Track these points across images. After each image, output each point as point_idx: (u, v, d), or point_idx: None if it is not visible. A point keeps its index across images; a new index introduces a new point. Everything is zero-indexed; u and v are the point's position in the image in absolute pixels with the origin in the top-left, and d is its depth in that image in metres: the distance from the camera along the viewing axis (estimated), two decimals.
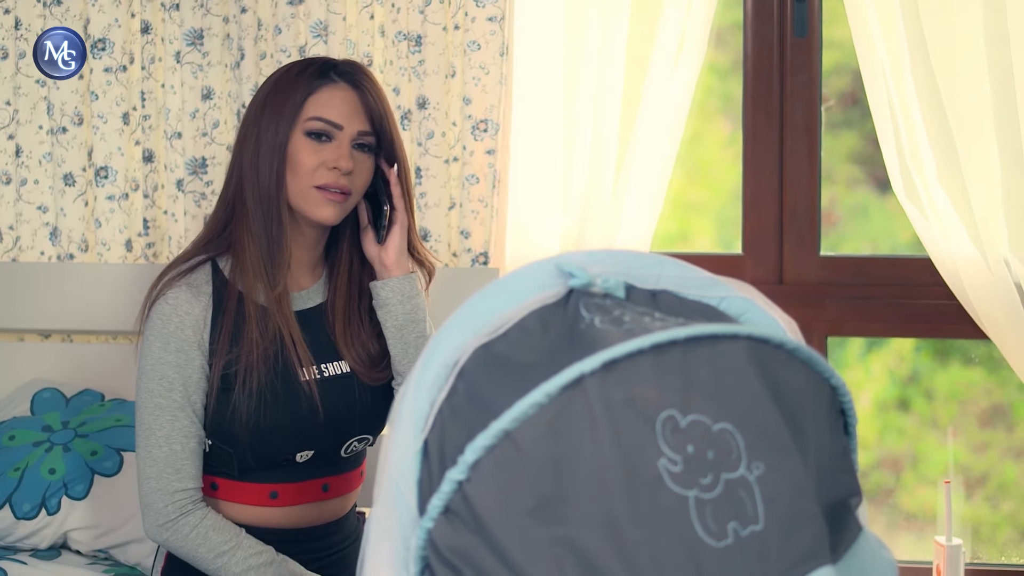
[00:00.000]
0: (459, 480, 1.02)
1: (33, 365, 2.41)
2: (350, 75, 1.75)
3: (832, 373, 1.19)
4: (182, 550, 1.71)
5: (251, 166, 1.73)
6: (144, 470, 1.71)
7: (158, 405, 1.70)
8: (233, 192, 1.75)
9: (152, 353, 1.71)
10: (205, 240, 1.77)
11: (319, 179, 1.72)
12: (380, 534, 1.11)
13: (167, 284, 1.72)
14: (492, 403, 1.07)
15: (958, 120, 2.30)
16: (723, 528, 1.01)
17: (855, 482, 1.19)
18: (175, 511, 1.70)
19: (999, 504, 2.51)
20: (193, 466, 1.71)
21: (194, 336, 1.70)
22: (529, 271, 1.18)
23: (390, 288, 1.77)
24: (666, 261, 1.23)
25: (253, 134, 1.74)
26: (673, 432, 1.02)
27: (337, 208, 1.73)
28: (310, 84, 1.73)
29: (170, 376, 1.70)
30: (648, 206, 2.41)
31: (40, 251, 2.50)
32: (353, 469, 1.83)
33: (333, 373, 1.77)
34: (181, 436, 1.70)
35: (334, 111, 1.73)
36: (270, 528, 1.76)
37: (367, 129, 1.75)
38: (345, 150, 1.73)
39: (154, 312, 1.72)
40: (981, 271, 2.32)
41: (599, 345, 1.06)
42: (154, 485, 1.70)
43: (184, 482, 1.71)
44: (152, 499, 1.70)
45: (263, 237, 1.71)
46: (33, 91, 2.48)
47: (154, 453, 1.70)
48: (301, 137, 1.72)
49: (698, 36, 2.38)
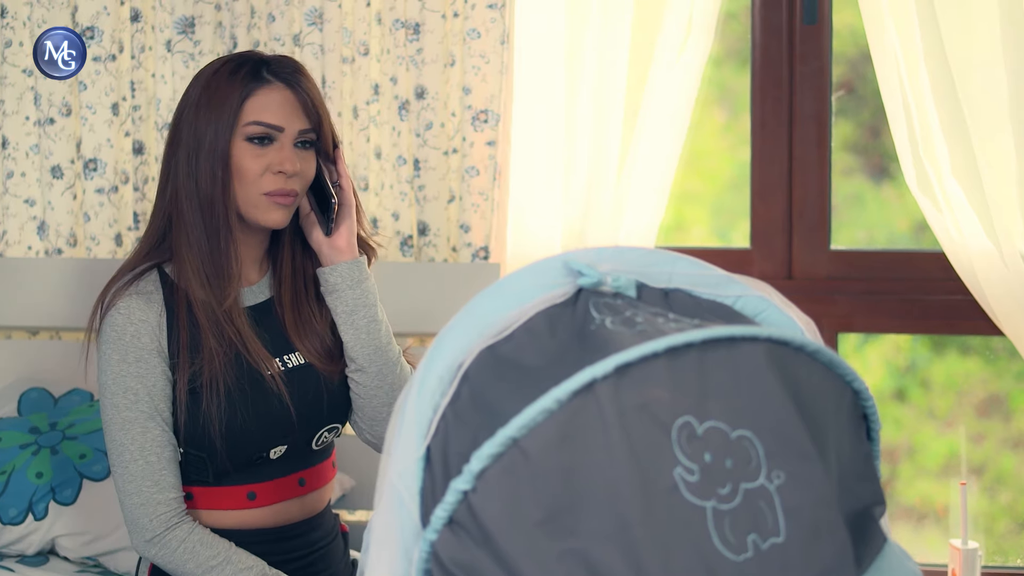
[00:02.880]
0: (464, 490, 1.00)
1: (20, 363, 2.40)
2: (284, 74, 1.75)
3: (855, 376, 1.17)
4: (170, 565, 1.71)
5: (187, 174, 1.72)
6: (123, 487, 1.71)
7: (126, 419, 1.70)
8: (169, 200, 1.75)
9: (111, 367, 1.71)
10: (145, 251, 1.77)
11: (266, 186, 1.72)
12: (380, 544, 1.10)
13: (116, 294, 1.72)
14: (499, 409, 1.07)
15: (973, 110, 2.29)
16: (742, 541, 1.03)
17: (879, 490, 1.18)
18: (161, 525, 1.70)
19: (997, 495, 2.52)
20: (171, 475, 1.72)
21: (151, 343, 1.71)
22: (535, 269, 1.17)
23: (338, 274, 1.78)
24: (678, 258, 1.22)
25: (187, 139, 1.73)
26: (689, 439, 1.04)
27: (286, 211, 1.74)
28: (245, 87, 1.72)
29: (134, 388, 1.70)
30: (652, 198, 2.40)
31: (27, 246, 2.49)
32: (325, 460, 1.84)
33: (295, 364, 1.78)
34: (155, 447, 1.70)
35: (272, 114, 1.73)
36: (250, 529, 1.76)
37: (307, 127, 1.75)
38: (288, 152, 1.73)
39: (107, 324, 1.72)
40: (996, 265, 2.30)
41: (611, 348, 1.08)
42: (136, 500, 1.70)
43: (165, 492, 1.70)
44: (136, 515, 1.70)
45: (205, 248, 1.72)
46: (20, 81, 2.47)
47: (131, 468, 1.70)
48: (242, 143, 1.72)
49: (705, 23, 2.36)
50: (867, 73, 2.49)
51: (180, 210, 1.72)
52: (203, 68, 1.77)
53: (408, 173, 2.42)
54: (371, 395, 1.77)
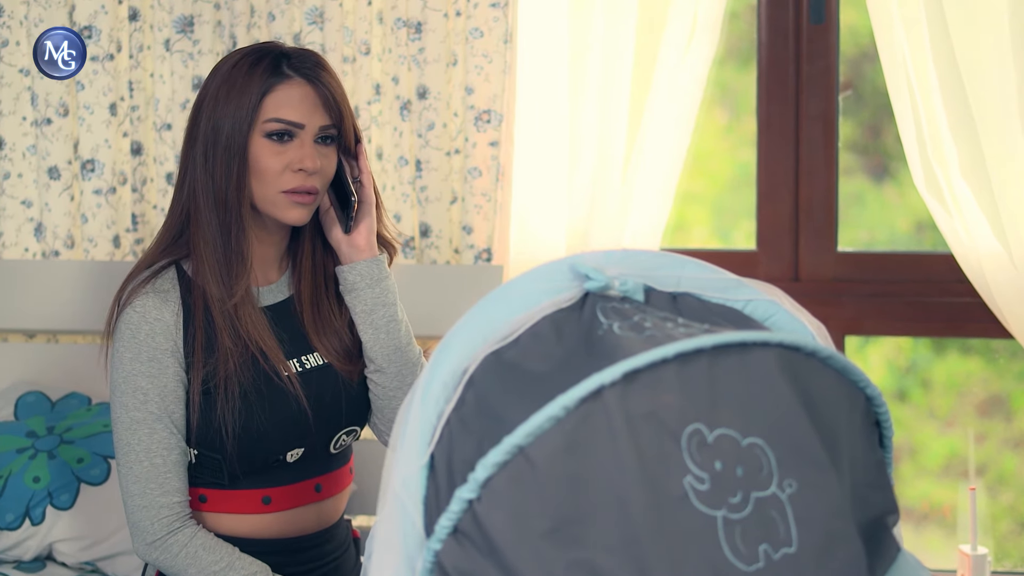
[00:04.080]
0: (469, 499, 1.00)
1: (17, 367, 2.39)
2: (305, 69, 1.73)
3: (867, 382, 1.17)
4: (171, 570, 1.70)
5: (205, 169, 1.70)
6: (127, 488, 1.70)
7: (134, 419, 1.68)
8: (187, 195, 1.73)
9: (123, 365, 1.69)
10: (163, 246, 1.75)
11: (286, 183, 1.70)
12: (383, 553, 1.10)
13: (133, 292, 1.70)
14: (504, 415, 1.07)
15: (982, 110, 2.28)
16: (754, 551, 1.03)
17: (892, 498, 1.18)
18: (162, 529, 1.68)
19: (998, 495, 2.52)
20: (177, 479, 1.69)
21: (166, 343, 1.69)
22: (541, 273, 1.16)
23: (357, 272, 1.76)
24: (687, 262, 1.21)
25: (205, 133, 1.71)
26: (699, 447, 1.05)
27: (307, 210, 1.72)
28: (265, 82, 1.70)
29: (144, 388, 1.68)
30: (658, 199, 2.39)
31: (24, 248, 2.48)
32: (343, 466, 1.82)
33: (314, 364, 1.77)
34: (161, 449, 1.68)
35: (293, 111, 1.70)
36: (264, 539, 1.74)
37: (328, 123, 1.73)
38: (309, 149, 1.70)
39: (122, 322, 1.70)
40: (1006, 267, 2.29)
41: (619, 354, 1.07)
42: (139, 503, 1.68)
43: (169, 496, 1.69)
44: (138, 517, 1.68)
45: (219, 245, 1.70)
46: (16, 81, 2.46)
47: (135, 469, 1.68)
48: (261, 139, 1.70)
49: (711, 21, 2.35)
50: (867, 72, 2.49)
51: (197, 205, 1.70)
52: (223, 59, 1.75)
53: (410, 174, 2.41)
54: (390, 396, 1.75)
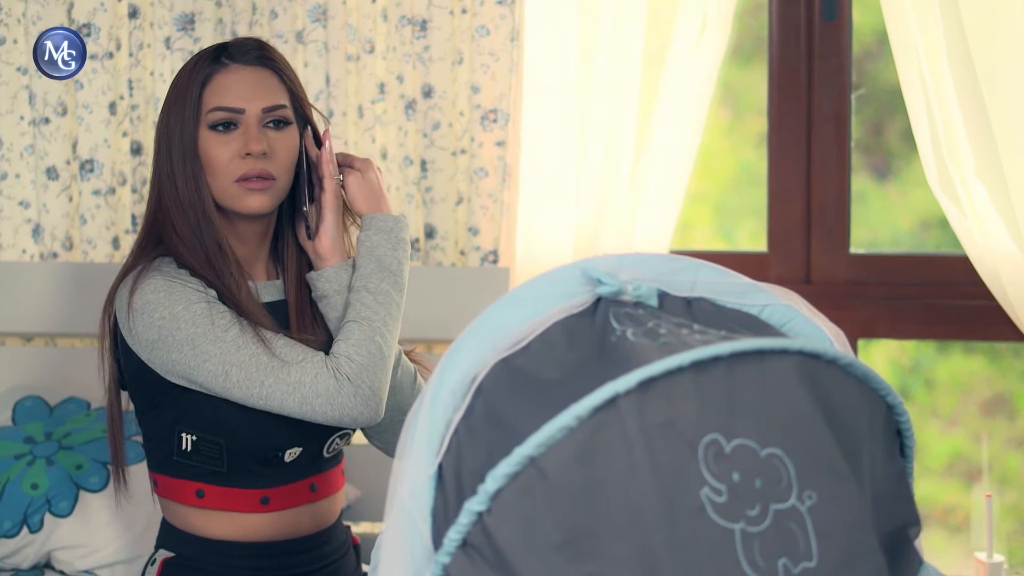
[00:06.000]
0: (479, 511, 0.98)
1: (14, 371, 2.38)
2: (242, 54, 1.73)
3: (889, 390, 1.15)
4: (377, 370, 1.64)
5: (167, 175, 1.71)
6: (280, 380, 1.61)
7: (218, 337, 1.63)
8: (155, 205, 1.73)
9: (180, 329, 1.63)
10: (142, 253, 1.73)
11: (236, 171, 1.68)
12: (390, 565, 1.08)
13: (139, 278, 1.67)
14: (515, 425, 1.05)
15: (997, 109, 2.27)
16: (772, 565, 1.02)
17: (913, 509, 1.15)
18: (329, 372, 1.62)
19: (1001, 495, 2.52)
20: (285, 340, 1.65)
21: (202, 287, 1.67)
22: (552, 277, 1.15)
23: (326, 279, 1.74)
24: (701, 265, 1.20)
25: (163, 139, 1.72)
26: (717, 458, 1.03)
27: (264, 196, 1.70)
28: (203, 74, 1.71)
29: (212, 311, 1.63)
30: (667, 201, 2.39)
31: (22, 249, 2.46)
32: (335, 468, 1.82)
33: None
34: (261, 332, 1.64)
35: (230, 95, 1.69)
36: (263, 542, 1.73)
37: (272, 104, 1.71)
38: (253, 132, 1.69)
39: (142, 306, 1.65)
40: (1021, 269, 2.28)
41: (634, 361, 1.05)
42: (301, 371, 1.61)
43: (295, 346, 1.64)
44: (314, 387, 1.62)
45: (196, 246, 1.69)
46: (14, 79, 2.45)
47: (261, 360, 1.62)
48: (207, 132, 1.70)
49: (721, 19, 2.35)
50: (871, 70, 2.50)
51: (165, 211, 1.70)
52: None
53: (415, 174, 2.39)
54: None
